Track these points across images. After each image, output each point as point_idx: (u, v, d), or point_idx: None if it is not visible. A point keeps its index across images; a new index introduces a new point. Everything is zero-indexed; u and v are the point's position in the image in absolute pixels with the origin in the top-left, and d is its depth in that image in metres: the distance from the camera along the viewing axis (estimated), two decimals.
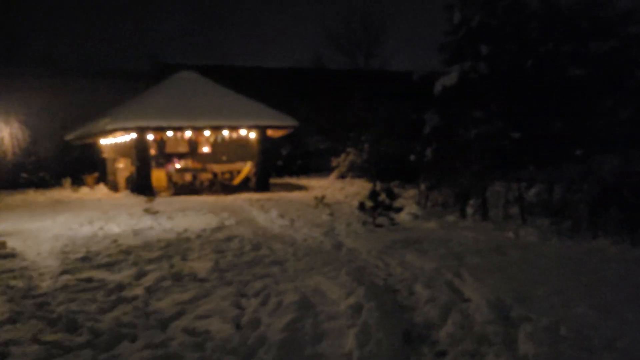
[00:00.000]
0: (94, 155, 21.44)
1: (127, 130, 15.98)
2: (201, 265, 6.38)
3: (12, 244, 8.65)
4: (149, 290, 5.36)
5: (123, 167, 18.79)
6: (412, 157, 14.04)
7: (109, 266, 6.63)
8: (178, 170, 17.64)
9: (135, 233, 9.39)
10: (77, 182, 21.01)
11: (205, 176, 18.53)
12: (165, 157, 19.94)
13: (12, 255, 7.58)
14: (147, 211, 12.05)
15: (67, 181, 21.35)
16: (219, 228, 9.71)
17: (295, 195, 16.15)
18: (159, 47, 34.69)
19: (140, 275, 6.02)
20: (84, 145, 22.11)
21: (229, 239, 8.45)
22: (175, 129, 16.67)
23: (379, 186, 16.94)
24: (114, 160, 19.53)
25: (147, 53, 26.61)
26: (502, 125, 10.86)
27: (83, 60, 29.84)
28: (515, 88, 11.03)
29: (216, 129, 17.29)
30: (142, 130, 16.10)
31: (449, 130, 11.90)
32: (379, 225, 8.93)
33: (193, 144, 20.46)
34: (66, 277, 6.13)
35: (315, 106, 26.52)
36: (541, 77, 10.88)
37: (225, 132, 18.02)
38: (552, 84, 10.72)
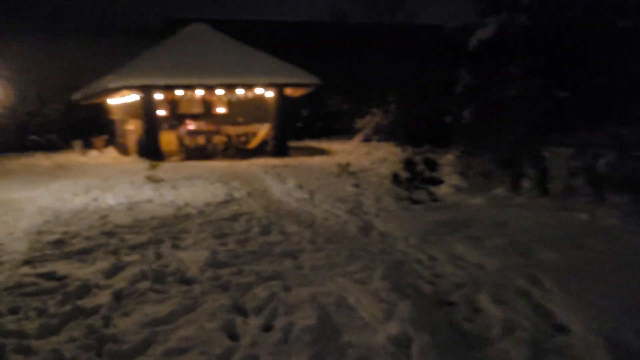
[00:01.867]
0: (103, 117, 20.18)
1: (131, 88, 14.60)
2: (194, 257, 5.03)
3: None
4: (117, 296, 4.02)
5: (133, 129, 17.47)
6: (448, 119, 12.43)
7: (82, 254, 5.32)
8: (189, 133, 16.26)
9: (130, 207, 8.08)
10: (88, 145, 19.86)
11: (219, 139, 17.15)
12: (178, 119, 18.58)
13: None
14: (150, 179, 10.75)
15: (78, 143, 20.21)
16: (226, 202, 8.34)
17: (316, 160, 14.70)
18: (169, 1, 32.88)
19: (116, 270, 4.70)
20: (92, 106, 20.84)
21: (235, 217, 7.07)
22: (184, 88, 15.23)
23: (409, 151, 15.39)
24: (123, 121, 18.23)
25: (157, 8, 24.98)
26: (545, 83, 9.30)
27: (91, 18, 28.28)
28: (558, 42, 9.49)
29: (230, 87, 15.79)
30: (148, 89, 14.68)
31: (484, 89, 10.40)
32: (416, 202, 7.44)
33: (207, 105, 19.03)
34: (25, 269, 4.84)
35: (336, 64, 24.74)
36: (587, 30, 9.35)
37: (240, 91, 16.52)
38: (599, 37, 9.18)
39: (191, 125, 17.44)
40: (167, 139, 15.95)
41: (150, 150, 15.01)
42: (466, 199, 7.70)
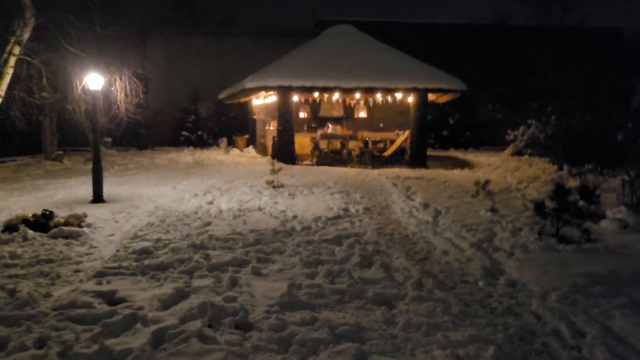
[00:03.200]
0: (248, 117, 20.62)
1: (267, 89, 14.46)
2: (269, 289, 4.22)
3: (100, 215, 7.44)
4: (157, 339, 3.33)
5: (273, 130, 17.51)
6: (619, 136, 10.34)
7: (157, 271, 4.81)
8: (323, 137, 15.76)
9: (237, 214, 7.60)
10: (233, 143, 20.47)
11: (355, 145, 16.43)
12: (318, 122, 18.28)
13: (79, 235, 6.21)
14: (269, 184, 10.31)
15: (224, 141, 20.95)
16: (338, 218, 7.48)
17: (455, 174, 13.26)
18: (322, 3, 33.09)
19: (177, 298, 4.07)
20: (239, 105, 21.46)
21: (340, 238, 6.17)
22: (320, 90, 14.72)
23: (565, 171, 13.26)
24: (264, 122, 18.36)
25: (309, 10, 25.05)
26: None
27: (249, 22, 29.44)
28: None
29: (368, 91, 14.96)
30: (284, 90, 14.42)
31: None
32: (566, 241, 5.89)
33: (349, 109, 18.47)
34: (89, 285, 4.42)
35: (492, 70, 22.71)
36: None
37: (378, 95, 15.63)
38: None
39: (327, 129, 16.98)
40: (302, 142, 15.60)
41: (283, 152, 14.77)
42: (634, 242, 5.95)
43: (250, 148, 19.06)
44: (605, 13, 26.14)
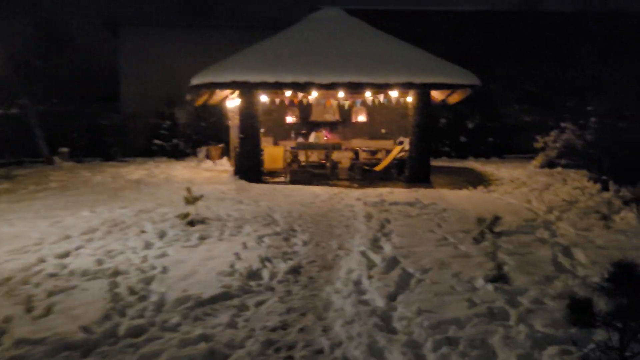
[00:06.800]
0: (224, 123, 17.62)
1: (219, 86, 11.42)
2: None
3: None
4: None
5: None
6: None
7: None
8: (298, 147, 12.62)
9: (57, 289, 4.55)
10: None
11: (344, 156, 13.25)
12: (309, 127, 15.20)
13: None
14: (183, 218, 7.21)
15: (202, 152, 17.96)
16: (226, 298, 4.31)
17: (462, 197, 9.94)
18: None
19: None
20: (218, 110, 18.47)
21: None
22: (289, 87, 11.60)
23: (612, 193, 9.79)
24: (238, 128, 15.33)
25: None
26: None
27: (234, 11, 26.47)
28: None
29: (353, 88, 11.76)
30: (244, 88, 11.36)
31: None
32: None
33: (346, 111, 15.33)
34: None
35: (519, 64, 19.20)
36: None
37: (368, 94, 12.44)
38: None
39: (309, 137, 13.86)
40: (274, 154, 12.46)
41: (245, 167, 11.71)
42: None
43: (225, 160, 16.08)
44: None
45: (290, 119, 15.41)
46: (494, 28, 20.93)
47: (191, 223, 7.11)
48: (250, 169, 11.65)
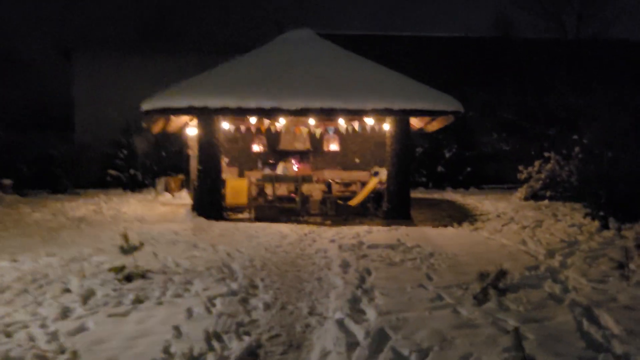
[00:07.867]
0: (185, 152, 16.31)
1: (174, 112, 10.18)
2: None
3: None
4: None
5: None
6: None
7: None
8: (264, 179, 11.40)
9: None
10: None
11: (315, 188, 12.08)
12: (278, 156, 14.01)
13: None
14: (117, 272, 5.84)
15: (161, 183, 16.54)
16: None
17: (448, 236, 8.82)
18: (299, 16, 29.24)
19: None
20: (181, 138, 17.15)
21: None
22: (253, 113, 10.44)
23: (613, 231, 8.80)
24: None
25: (274, 21, 21.12)
26: None
27: (197, 36, 25.39)
28: None
29: (324, 114, 10.66)
30: (202, 114, 10.14)
31: None
32: None
33: (318, 140, 14.20)
34: None
35: (495, 91, 18.51)
36: None
37: (341, 121, 11.36)
38: None
39: (277, 167, 12.66)
40: (237, 187, 11.19)
41: (205, 202, 10.40)
42: None
43: (185, 192, 14.73)
44: (626, 23, 22.11)
45: (257, 148, 14.24)
46: (469, 54, 20.34)
47: (128, 278, 5.76)
48: (210, 204, 10.34)
